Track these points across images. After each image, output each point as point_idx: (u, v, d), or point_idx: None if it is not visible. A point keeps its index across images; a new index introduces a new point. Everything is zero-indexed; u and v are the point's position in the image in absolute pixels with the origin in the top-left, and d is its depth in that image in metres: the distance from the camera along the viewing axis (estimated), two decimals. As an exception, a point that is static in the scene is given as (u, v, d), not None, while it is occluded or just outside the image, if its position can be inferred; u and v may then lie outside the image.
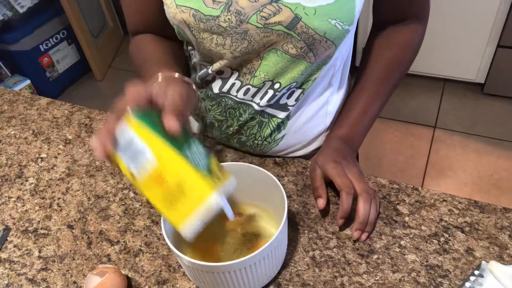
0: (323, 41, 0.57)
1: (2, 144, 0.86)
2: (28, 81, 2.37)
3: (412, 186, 0.67)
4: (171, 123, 0.45)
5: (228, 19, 0.56)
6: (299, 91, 0.66)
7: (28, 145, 0.85)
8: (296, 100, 0.67)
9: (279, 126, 0.70)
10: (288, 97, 0.66)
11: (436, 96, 2.22)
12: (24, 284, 0.61)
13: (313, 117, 0.71)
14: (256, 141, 0.72)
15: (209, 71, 0.66)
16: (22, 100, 0.98)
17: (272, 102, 0.66)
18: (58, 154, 0.82)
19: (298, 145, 0.74)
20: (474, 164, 1.86)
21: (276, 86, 0.64)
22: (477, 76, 2.12)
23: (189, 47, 0.71)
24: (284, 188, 0.55)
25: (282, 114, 0.68)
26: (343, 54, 0.68)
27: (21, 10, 2.29)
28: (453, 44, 2.05)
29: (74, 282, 0.60)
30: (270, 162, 0.74)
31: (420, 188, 0.67)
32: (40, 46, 2.43)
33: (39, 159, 0.81)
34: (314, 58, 0.60)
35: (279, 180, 0.56)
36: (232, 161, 0.75)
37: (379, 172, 1.89)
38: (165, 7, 0.61)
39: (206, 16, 0.57)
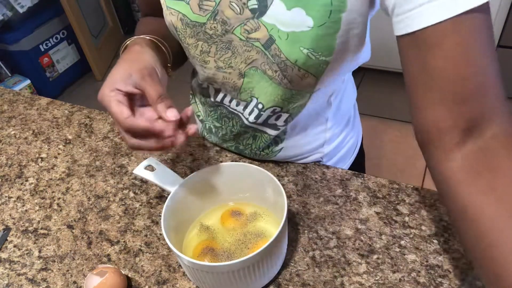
0: (295, 69, 0.54)
1: (2, 144, 0.86)
2: (28, 81, 2.37)
3: (412, 186, 0.68)
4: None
5: (214, 27, 0.56)
6: (286, 115, 0.64)
7: (28, 145, 0.85)
8: (285, 122, 0.65)
9: (276, 141, 0.69)
10: (276, 119, 0.65)
11: (436, 96, 2.21)
12: (24, 284, 0.61)
13: (311, 133, 0.70)
14: (253, 151, 0.71)
15: (199, 80, 0.66)
16: (22, 100, 0.98)
17: (259, 120, 0.65)
18: (58, 154, 0.82)
19: (296, 157, 0.73)
20: (474, 164, 1.86)
21: (260, 106, 0.62)
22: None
23: None
24: (284, 188, 0.55)
25: (273, 132, 0.67)
26: (341, 84, 0.66)
27: (21, 10, 2.30)
28: (453, 44, 2.05)
29: (74, 282, 0.60)
30: (270, 162, 0.74)
31: (420, 188, 0.67)
32: (40, 46, 2.43)
33: (39, 159, 0.81)
34: (290, 85, 0.57)
35: (279, 180, 0.56)
36: (232, 161, 0.75)
37: (379, 172, 1.89)
38: (162, 5, 0.61)
39: (192, 22, 0.57)
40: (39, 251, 0.65)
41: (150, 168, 0.66)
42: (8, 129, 0.90)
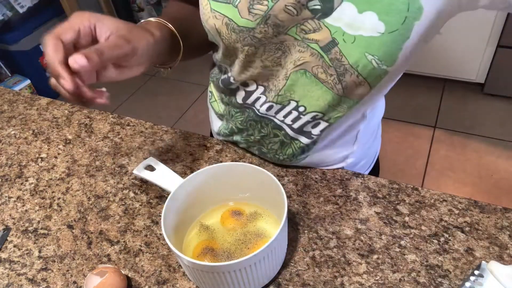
0: (354, 75, 0.52)
1: (2, 144, 0.86)
2: (28, 81, 2.37)
3: (412, 186, 0.67)
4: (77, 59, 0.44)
5: (265, 31, 0.52)
6: (325, 124, 0.61)
7: (28, 145, 0.85)
8: (321, 131, 0.63)
9: (303, 150, 0.67)
10: (313, 127, 0.62)
11: (436, 96, 2.22)
12: (24, 284, 0.61)
13: (340, 144, 0.68)
14: (277, 156, 0.69)
15: (231, 80, 0.63)
16: (22, 100, 0.98)
17: (295, 125, 0.62)
18: (58, 154, 0.82)
19: (320, 165, 0.72)
20: (474, 164, 1.87)
21: (301, 109, 0.60)
22: (477, 76, 2.12)
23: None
24: (284, 188, 0.55)
25: (306, 141, 0.65)
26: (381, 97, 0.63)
27: (21, 10, 2.30)
28: (453, 44, 2.05)
29: (74, 282, 0.60)
30: (270, 162, 0.74)
31: (420, 188, 0.67)
32: (40, 46, 2.43)
33: (39, 159, 0.81)
34: (343, 91, 0.55)
35: (279, 180, 0.56)
36: (232, 161, 0.75)
37: (379, 172, 1.89)
38: (200, 7, 0.57)
39: (239, 27, 0.53)
40: (39, 251, 0.65)
41: (150, 168, 0.66)
42: (8, 129, 0.90)
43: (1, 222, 0.70)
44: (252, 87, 0.62)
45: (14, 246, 0.66)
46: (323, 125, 0.62)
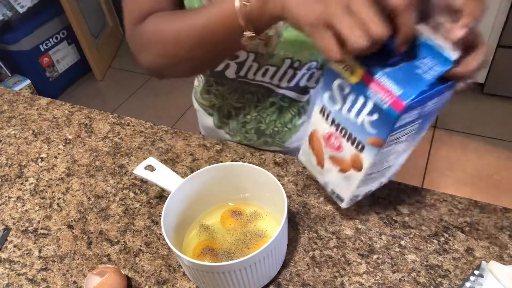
0: None
1: (2, 144, 0.86)
2: (28, 81, 2.37)
3: (412, 186, 0.67)
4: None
5: None
6: (319, 72, 0.65)
7: (28, 145, 0.85)
8: (317, 82, 0.66)
9: (300, 112, 0.69)
10: (309, 79, 0.66)
11: (436, 96, 2.22)
12: (24, 284, 0.61)
13: None
14: (276, 128, 0.71)
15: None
16: (22, 100, 0.98)
17: (292, 83, 0.65)
18: (58, 154, 0.82)
19: None
20: (474, 164, 1.87)
21: (296, 64, 0.63)
22: (477, 76, 2.12)
23: None
24: (284, 188, 0.55)
25: (302, 98, 0.68)
26: None
27: (21, 10, 2.30)
28: (453, 44, 2.05)
29: (74, 282, 0.60)
30: (270, 162, 0.74)
31: (420, 188, 0.67)
32: (40, 46, 2.43)
33: (39, 159, 0.81)
34: None
35: (279, 180, 0.56)
36: (232, 161, 0.75)
37: (379, 172, 1.89)
38: None
39: None
40: (39, 251, 0.65)
41: (150, 168, 0.66)
42: (8, 129, 0.90)
43: (1, 222, 0.70)
44: (242, 57, 0.64)
45: (14, 246, 0.66)
46: (317, 74, 0.65)
